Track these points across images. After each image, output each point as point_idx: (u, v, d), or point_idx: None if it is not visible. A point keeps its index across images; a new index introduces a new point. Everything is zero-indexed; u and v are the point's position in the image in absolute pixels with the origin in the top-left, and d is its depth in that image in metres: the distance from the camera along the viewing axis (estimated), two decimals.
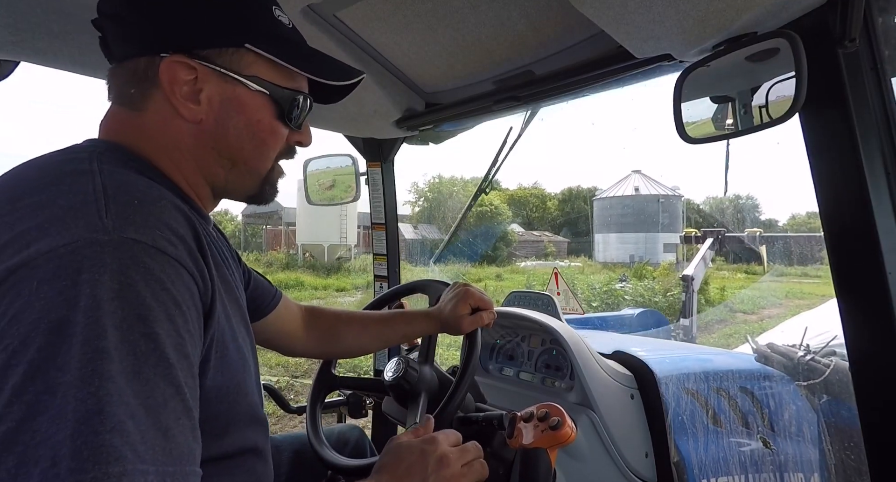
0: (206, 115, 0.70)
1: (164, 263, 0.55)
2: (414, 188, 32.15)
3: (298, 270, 17.64)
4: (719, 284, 13.73)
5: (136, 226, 0.55)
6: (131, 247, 0.53)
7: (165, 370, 0.51)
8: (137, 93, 0.69)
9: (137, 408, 0.47)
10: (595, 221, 29.67)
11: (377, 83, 1.46)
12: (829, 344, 1.80)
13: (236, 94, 0.71)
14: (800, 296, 12.80)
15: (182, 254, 0.57)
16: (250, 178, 0.77)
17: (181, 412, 0.51)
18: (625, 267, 20.97)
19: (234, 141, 0.72)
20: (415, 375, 1.13)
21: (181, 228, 0.60)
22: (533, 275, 15.72)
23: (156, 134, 0.70)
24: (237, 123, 0.72)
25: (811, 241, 4.42)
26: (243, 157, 0.74)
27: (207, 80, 0.69)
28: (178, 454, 0.49)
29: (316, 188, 1.94)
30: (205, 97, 0.69)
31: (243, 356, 0.70)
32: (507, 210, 30.83)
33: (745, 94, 0.94)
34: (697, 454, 1.42)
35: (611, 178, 38.22)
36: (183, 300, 0.55)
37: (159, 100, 0.69)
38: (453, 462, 0.77)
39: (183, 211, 0.62)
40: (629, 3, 0.87)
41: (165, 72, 0.67)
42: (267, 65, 0.72)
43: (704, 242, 5.77)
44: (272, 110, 0.74)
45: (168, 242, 0.56)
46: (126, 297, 0.50)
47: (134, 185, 0.61)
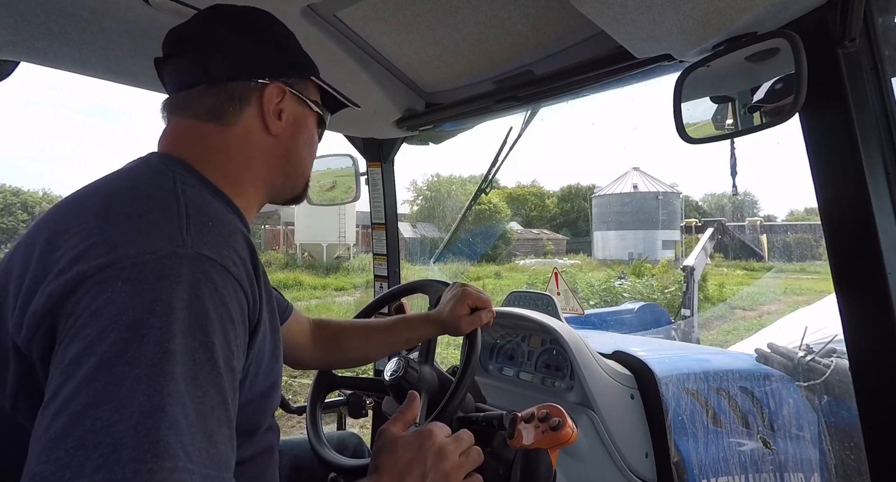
0: (284, 130, 0.84)
1: (227, 281, 0.60)
2: (413, 187, 32.15)
3: (297, 270, 17.61)
4: (718, 281, 13.74)
5: (210, 244, 0.61)
6: (204, 263, 0.59)
7: (216, 379, 0.55)
8: (234, 110, 0.80)
9: (191, 411, 0.51)
10: (594, 219, 29.66)
11: (377, 83, 1.46)
12: (828, 343, 1.80)
13: (304, 114, 0.88)
14: (798, 293, 12.81)
15: (241, 275, 0.63)
16: (301, 180, 0.92)
17: (224, 421, 0.55)
18: (623, 264, 20.96)
19: (301, 151, 0.89)
20: (415, 375, 1.13)
21: (242, 251, 0.66)
22: (533, 274, 15.72)
23: (237, 146, 0.81)
24: (303, 137, 0.89)
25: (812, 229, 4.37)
26: (302, 164, 0.90)
27: (288, 102, 0.85)
28: (218, 460, 0.52)
29: (316, 189, 1.94)
30: (285, 116, 0.84)
31: (275, 370, 0.75)
32: (506, 208, 30.81)
33: (745, 94, 0.95)
34: (697, 454, 1.43)
35: (610, 176, 38.22)
36: (236, 317, 0.60)
37: (250, 117, 0.81)
38: (451, 453, 0.77)
39: (245, 235, 0.69)
40: (629, 3, 0.87)
41: (268, 94, 0.81)
42: (316, 92, 0.91)
43: (705, 232, 5.69)
44: (317, 126, 0.92)
45: (232, 262, 0.62)
46: (194, 307, 0.55)
47: (209, 207, 0.69)
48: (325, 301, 12.16)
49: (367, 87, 1.47)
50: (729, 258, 19.90)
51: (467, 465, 0.79)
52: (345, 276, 16.70)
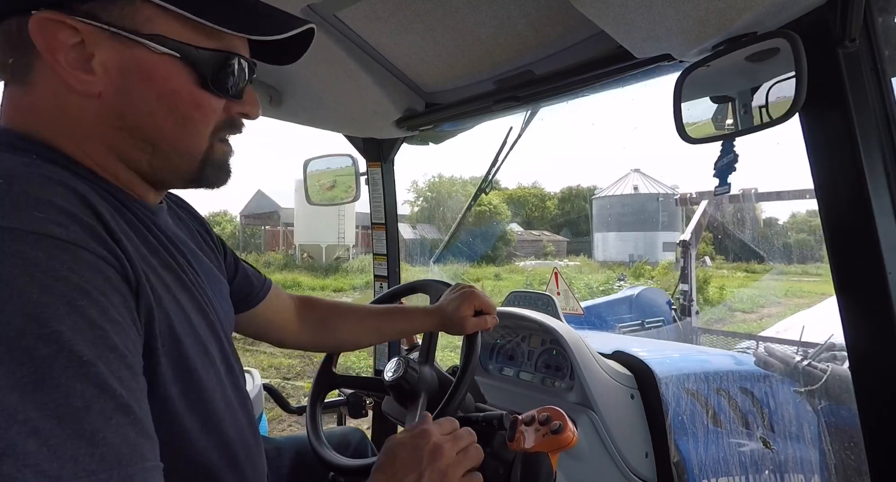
0: (106, 87, 0.57)
1: (53, 248, 0.46)
2: (413, 187, 32.14)
3: (296, 271, 17.61)
4: (719, 283, 13.73)
5: (4, 210, 0.46)
6: (1, 239, 0.45)
7: (80, 369, 0.44)
8: (17, 62, 0.57)
9: (44, 421, 0.41)
10: (594, 220, 29.64)
11: (377, 83, 1.46)
12: (825, 348, 1.80)
13: (137, 59, 0.57)
14: (799, 295, 12.79)
15: (78, 235, 0.48)
16: (181, 161, 0.64)
17: (112, 411, 0.45)
18: (624, 266, 20.98)
19: (147, 117, 0.60)
20: (415, 375, 1.13)
21: (70, 206, 0.50)
22: (532, 275, 15.71)
23: (51, 111, 0.58)
24: (146, 96, 0.59)
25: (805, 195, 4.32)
26: (165, 137, 0.61)
27: (98, 42, 0.56)
28: (114, 456, 0.44)
29: (316, 189, 1.94)
30: (98, 64, 0.56)
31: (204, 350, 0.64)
32: (506, 210, 30.79)
33: (745, 94, 0.94)
34: (697, 454, 1.42)
35: (610, 177, 38.22)
36: (93, 286, 0.47)
37: (44, 70, 0.56)
38: (447, 451, 0.75)
39: (73, 188, 0.52)
40: (629, 3, 0.87)
41: (38, 34, 0.54)
42: (175, 20, 0.58)
43: (700, 204, 5.51)
44: (191, 78, 0.60)
45: (54, 224, 0.47)
46: (6, 299, 0.43)
47: (3, 163, 0.52)
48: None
49: (367, 87, 1.47)
50: (730, 260, 19.88)
51: (465, 463, 0.77)
52: (344, 277, 16.69)
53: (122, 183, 0.63)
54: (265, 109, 1.64)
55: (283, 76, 1.49)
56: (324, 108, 1.66)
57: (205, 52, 0.60)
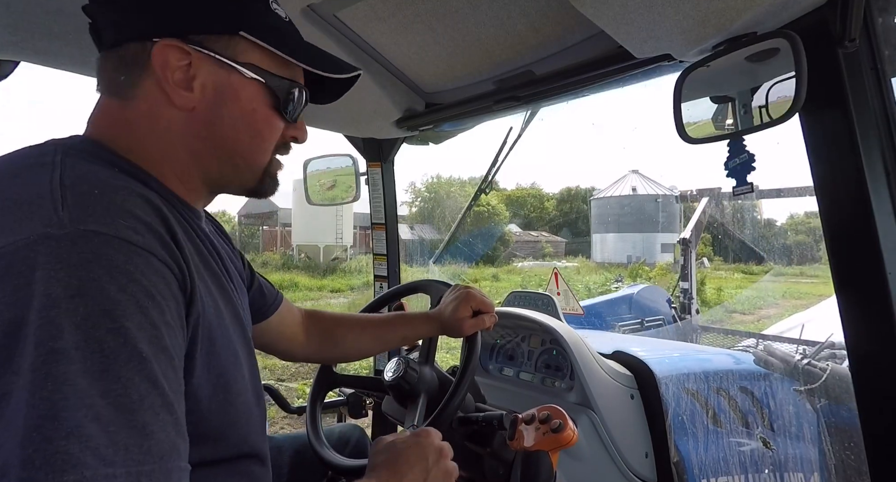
0: (200, 103, 0.67)
1: (131, 254, 0.52)
2: (411, 188, 32.12)
3: (293, 271, 17.50)
4: (716, 285, 13.72)
5: (97, 216, 0.52)
6: (91, 240, 0.50)
7: (139, 365, 0.48)
8: (127, 80, 0.66)
9: (106, 408, 0.45)
10: (593, 221, 29.67)
11: (377, 83, 1.46)
12: (824, 347, 1.81)
13: (231, 82, 0.68)
14: (797, 297, 12.78)
15: (151, 243, 0.54)
16: (248, 171, 0.74)
17: (160, 407, 0.49)
18: (622, 267, 20.98)
19: (230, 131, 0.70)
20: (414, 376, 1.13)
21: (147, 217, 0.56)
22: (529, 276, 15.68)
23: (144, 123, 0.67)
24: (232, 112, 0.69)
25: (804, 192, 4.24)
26: (239, 149, 0.71)
27: (201, 66, 0.66)
28: (158, 451, 0.47)
29: (317, 188, 1.94)
30: (198, 84, 0.66)
31: (235, 355, 0.68)
32: (505, 210, 30.80)
33: (745, 94, 0.95)
34: (697, 454, 1.43)
35: (609, 178, 38.13)
36: (157, 290, 0.53)
37: (150, 87, 0.66)
38: (448, 453, 0.79)
39: (150, 200, 0.59)
40: (629, 3, 0.87)
41: (158, 55, 0.64)
42: (262, 54, 0.69)
43: (700, 201, 5.39)
44: (267, 100, 0.71)
45: (133, 231, 0.53)
46: (88, 293, 0.48)
47: (95, 174, 0.58)
48: (320, 302, 12.13)
49: (367, 87, 1.47)
50: (728, 261, 19.90)
51: (456, 471, 0.80)
52: (341, 278, 16.61)
53: (187, 189, 0.71)
54: None
55: None
56: (324, 108, 1.64)
57: (280, 79, 0.71)
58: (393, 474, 0.73)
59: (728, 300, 12.56)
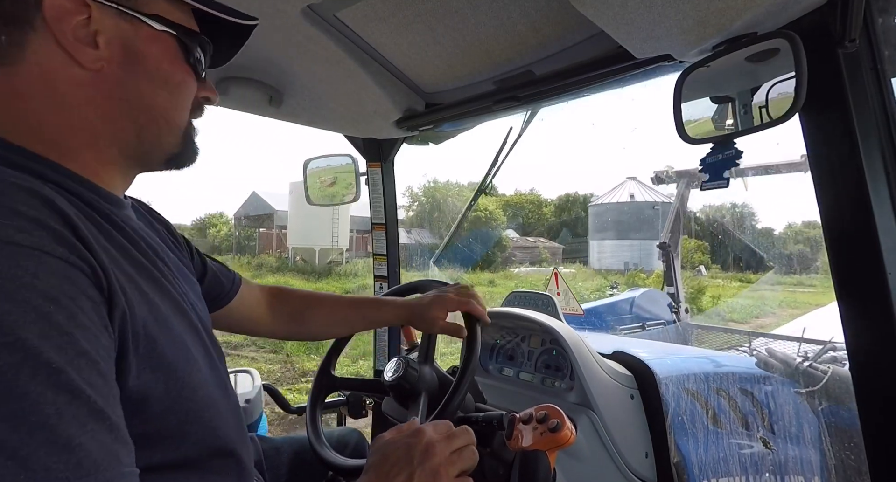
0: (107, 60, 0.60)
1: (18, 256, 0.46)
2: (408, 192, 32.05)
3: (288, 274, 17.38)
4: (713, 293, 13.67)
5: None
6: None
7: (50, 377, 0.43)
8: (9, 40, 0.56)
9: (14, 431, 0.40)
10: (590, 228, 29.55)
11: (377, 83, 1.46)
12: (825, 349, 1.81)
13: (139, 36, 0.62)
14: (794, 306, 12.73)
15: (44, 241, 0.48)
16: (170, 132, 0.68)
17: (86, 416, 0.45)
18: (619, 274, 20.94)
19: (147, 88, 0.64)
20: (415, 375, 1.13)
21: (33, 211, 0.49)
22: (524, 281, 15.58)
23: (38, 90, 0.58)
24: (147, 68, 0.63)
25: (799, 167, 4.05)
26: (158, 108, 0.65)
27: (103, 20, 0.60)
28: (90, 462, 0.43)
29: (317, 187, 1.94)
30: (103, 40, 0.60)
31: (184, 348, 0.63)
32: (502, 216, 30.72)
33: (745, 95, 0.95)
34: (698, 454, 1.42)
35: (609, 183, 37.91)
36: (61, 292, 0.47)
37: (42, 47, 0.57)
38: (440, 450, 0.74)
39: (38, 192, 0.51)
40: (629, 3, 0.87)
41: (50, 8, 0.56)
42: (164, 3, 0.64)
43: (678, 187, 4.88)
44: (180, 54, 0.66)
45: (17, 230, 0.47)
46: None
47: None
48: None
49: (367, 87, 1.47)
50: (726, 269, 19.92)
51: (459, 464, 0.76)
52: (337, 281, 16.49)
53: (91, 171, 0.63)
54: (265, 109, 1.63)
55: (283, 76, 1.49)
56: (324, 108, 1.66)
57: (190, 32, 0.67)
58: (382, 474, 0.72)
59: (724, 308, 12.54)
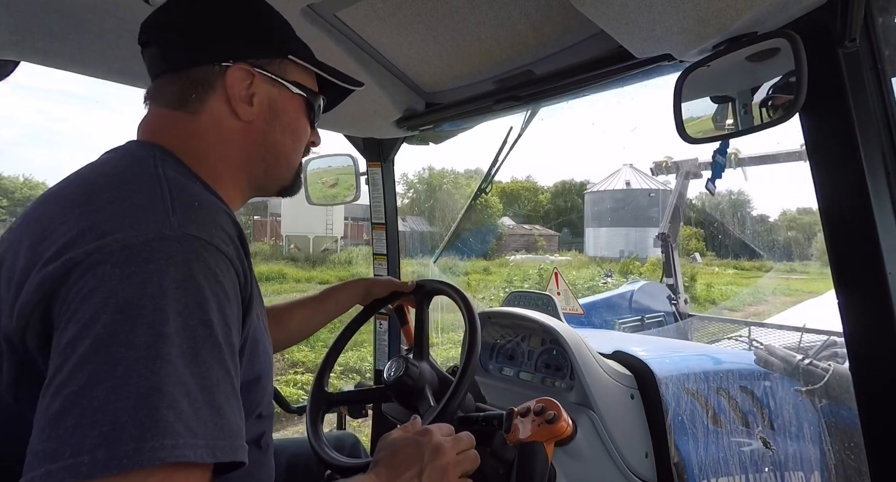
0: (257, 116, 0.80)
1: (219, 259, 0.61)
2: (403, 180, 31.91)
3: (282, 262, 17.19)
4: (706, 280, 13.65)
5: (197, 224, 0.62)
6: (193, 243, 0.60)
7: (219, 354, 0.56)
8: (197, 97, 0.77)
9: (194, 388, 0.53)
10: (586, 215, 29.40)
11: (377, 83, 1.46)
12: (825, 345, 1.81)
13: (281, 98, 0.83)
14: (787, 293, 12.70)
15: (232, 253, 0.64)
16: (287, 170, 0.88)
17: (230, 393, 0.57)
18: (614, 261, 20.83)
19: (279, 137, 0.84)
20: (416, 371, 1.14)
21: (230, 230, 0.67)
22: (515, 269, 15.49)
23: (207, 133, 0.78)
24: (282, 122, 0.84)
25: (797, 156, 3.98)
26: (284, 152, 0.86)
27: (260, 85, 0.80)
28: (228, 430, 0.55)
29: (318, 187, 1.94)
30: (257, 100, 0.80)
31: (268, 353, 0.77)
32: (498, 204, 30.62)
33: (745, 94, 0.94)
34: (697, 454, 1.42)
35: (606, 172, 37.74)
36: (231, 293, 0.61)
37: (215, 103, 0.78)
38: (448, 450, 0.81)
39: (230, 215, 0.70)
40: (629, 3, 0.87)
41: (231, 77, 0.77)
42: (300, 72, 0.85)
43: (677, 177, 4.91)
44: (305, 111, 0.87)
45: (222, 241, 0.63)
46: (188, 287, 0.56)
47: (192, 189, 0.69)
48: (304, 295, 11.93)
49: (367, 87, 1.46)
50: (720, 257, 19.92)
51: (464, 464, 0.82)
52: (331, 270, 16.29)
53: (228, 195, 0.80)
54: None
55: None
56: None
57: (315, 94, 0.88)
58: (390, 471, 0.76)
59: (719, 296, 12.52)
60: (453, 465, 0.80)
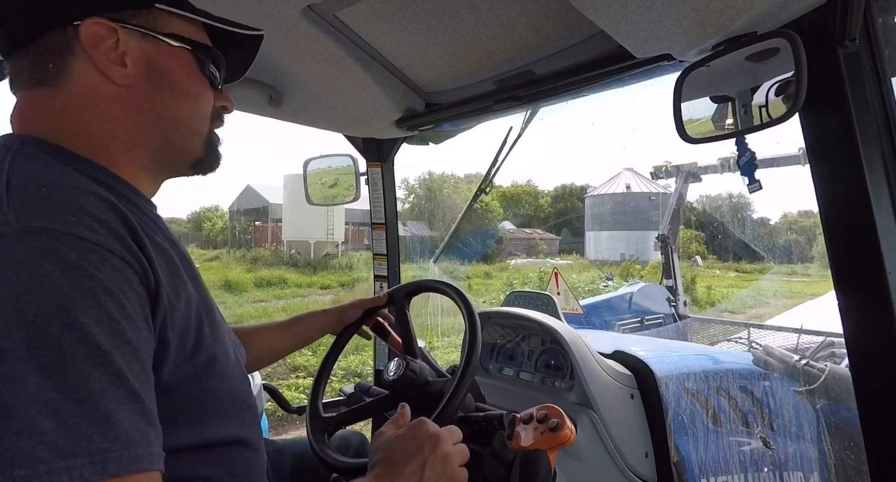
0: (135, 77, 0.69)
1: (84, 248, 0.52)
2: (404, 185, 31.90)
3: (283, 267, 17.29)
4: (707, 283, 13.65)
5: (45, 214, 0.53)
6: (40, 237, 0.51)
7: (99, 358, 0.49)
8: (55, 67, 0.66)
9: (65, 401, 0.46)
10: (587, 219, 29.43)
11: (377, 83, 1.46)
12: (823, 345, 1.81)
13: (160, 53, 0.71)
14: (787, 295, 12.70)
15: (106, 240, 0.55)
16: (192, 139, 0.76)
17: (125, 397, 0.50)
18: (615, 265, 20.85)
19: (170, 99, 0.72)
20: (416, 366, 1.14)
21: (102, 214, 0.57)
22: (515, 273, 15.49)
23: (83, 106, 0.67)
24: (168, 82, 0.72)
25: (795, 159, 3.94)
26: (182, 117, 0.74)
27: (129, 41, 0.68)
28: (125, 438, 0.48)
29: (318, 187, 1.94)
30: (130, 60, 0.68)
31: (221, 342, 0.70)
32: (499, 208, 30.65)
33: (745, 94, 0.95)
34: (697, 454, 1.43)
35: (606, 176, 37.70)
36: (115, 285, 0.53)
37: (82, 70, 0.67)
38: (445, 440, 0.79)
39: (106, 199, 0.59)
40: (629, 3, 0.87)
41: (86, 36, 0.65)
42: (179, 22, 0.73)
43: (676, 181, 4.80)
44: (196, 66, 0.74)
45: (86, 228, 0.54)
46: (39, 289, 0.48)
47: (44, 174, 0.59)
48: (308, 300, 11.98)
49: (367, 87, 1.47)
50: (721, 260, 19.94)
51: (460, 455, 0.80)
52: (332, 275, 16.40)
53: (130, 175, 0.71)
54: (265, 109, 1.63)
55: (283, 76, 1.49)
56: (324, 108, 1.65)
57: (202, 46, 0.75)
58: (390, 469, 0.74)
59: (719, 299, 12.52)
60: (453, 455, 0.78)
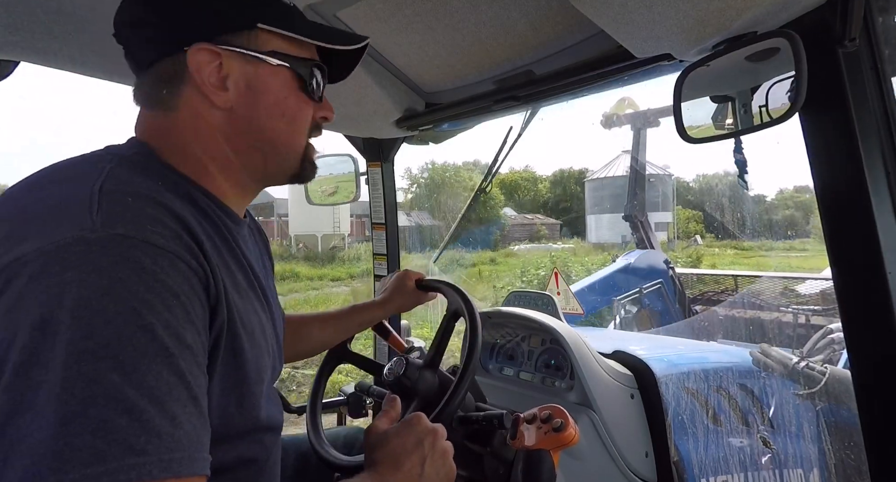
0: (236, 100, 0.71)
1: (158, 255, 0.55)
2: (407, 174, 31.83)
3: (293, 261, 17.29)
4: (709, 261, 13.62)
5: (125, 222, 0.55)
6: (121, 244, 0.53)
7: (167, 359, 0.51)
8: (168, 93, 0.70)
9: (138, 400, 0.48)
10: (587, 203, 29.33)
11: (377, 83, 1.46)
12: (823, 335, 1.80)
13: (259, 74, 0.72)
14: (787, 270, 12.68)
15: (177, 247, 0.58)
16: (290, 157, 0.78)
17: (187, 400, 0.52)
18: (617, 247, 20.83)
19: (267, 121, 0.74)
20: (415, 374, 1.13)
21: (173, 224, 0.60)
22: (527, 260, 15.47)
23: (188, 129, 0.71)
24: (267, 102, 0.73)
25: None
26: (279, 137, 0.76)
27: (231, 64, 0.70)
28: (187, 440, 0.50)
29: (318, 193, 1.94)
30: (232, 82, 0.70)
31: (261, 367, 0.72)
32: (500, 195, 30.57)
33: (745, 94, 0.94)
34: (697, 453, 1.43)
35: (604, 160, 37.51)
36: (181, 291, 0.56)
37: (190, 95, 0.70)
38: (441, 435, 0.79)
39: (175, 212, 0.61)
40: (629, 3, 0.87)
41: (192, 62, 0.68)
42: (280, 41, 0.73)
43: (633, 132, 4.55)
44: (295, 84, 0.75)
45: (160, 236, 0.56)
46: (117, 293, 0.51)
47: (132, 183, 0.61)
48: (322, 292, 12.08)
49: (367, 87, 1.47)
50: (720, 238, 19.92)
51: (451, 451, 0.80)
52: (341, 267, 16.43)
53: (221, 191, 0.74)
54: None
55: None
56: None
57: (301, 61, 0.75)
58: (391, 465, 0.73)
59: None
60: (450, 449, 0.79)
